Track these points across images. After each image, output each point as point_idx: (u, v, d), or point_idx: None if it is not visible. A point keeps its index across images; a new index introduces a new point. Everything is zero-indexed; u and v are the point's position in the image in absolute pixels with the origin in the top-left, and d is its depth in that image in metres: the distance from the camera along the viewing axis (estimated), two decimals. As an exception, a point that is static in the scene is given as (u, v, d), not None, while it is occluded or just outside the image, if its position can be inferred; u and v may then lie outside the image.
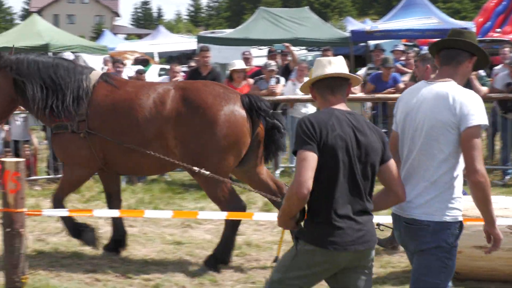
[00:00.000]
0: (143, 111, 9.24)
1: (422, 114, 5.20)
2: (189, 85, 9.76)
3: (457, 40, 5.27)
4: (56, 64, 9.63)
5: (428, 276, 5.18)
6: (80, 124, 9.27)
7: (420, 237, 5.14)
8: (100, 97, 9.43)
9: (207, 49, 16.20)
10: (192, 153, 9.14)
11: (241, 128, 9.16)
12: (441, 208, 5.10)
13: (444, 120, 5.06)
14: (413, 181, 5.27)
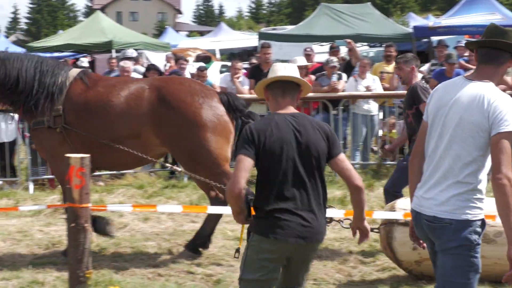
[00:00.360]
0: (116, 110, 9.39)
1: (454, 112, 5.13)
2: (164, 84, 9.77)
3: (505, 42, 5.14)
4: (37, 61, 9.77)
5: (454, 276, 5.14)
6: (56, 119, 9.41)
7: (442, 235, 5.11)
8: (75, 93, 9.55)
9: (268, 46, 16.16)
10: (185, 154, 9.35)
11: (223, 119, 9.35)
12: (463, 206, 5.05)
13: (475, 122, 4.99)
14: (436, 178, 5.22)
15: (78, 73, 9.75)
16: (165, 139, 9.31)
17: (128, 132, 9.32)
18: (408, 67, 9.68)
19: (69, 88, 9.52)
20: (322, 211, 5.68)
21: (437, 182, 5.20)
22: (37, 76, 9.53)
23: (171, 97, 9.31)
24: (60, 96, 9.45)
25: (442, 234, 5.08)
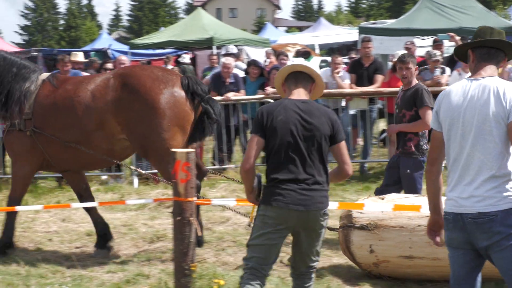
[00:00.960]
0: (82, 105, 9.40)
1: (472, 109, 5.16)
2: (127, 70, 9.93)
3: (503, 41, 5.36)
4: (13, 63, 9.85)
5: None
6: (27, 123, 9.50)
7: (491, 228, 5.05)
8: (43, 96, 9.64)
9: (369, 40, 15.99)
10: (140, 137, 9.30)
11: (182, 108, 9.31)
12: (504, 196, 5.05)
13: (496, 114, 5.05)
14: (469, 177, 5.21)
15: (48, 76, 9.88)
16: (123, 124, 9.31)
17: (94, 124, 9.37)
18: (413, 66, 9.65)
19: (38, 91, 9.66)
20: (323, 186, 6.22)
21: (471, 180, 5.20)
22: (9, 79, 9.68)
23: (132, 82, 9.37)
24: (29, 100, 9.60)
25: (491, 227, 5.04)
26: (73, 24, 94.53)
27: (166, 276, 8.03)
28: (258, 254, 6.20)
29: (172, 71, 10.18)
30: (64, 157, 9.72)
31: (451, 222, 5.31)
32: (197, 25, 28.75)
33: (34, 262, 9.31)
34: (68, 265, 9.22)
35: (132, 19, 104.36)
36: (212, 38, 26.78)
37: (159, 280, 7.89)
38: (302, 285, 6.39)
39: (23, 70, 9.82)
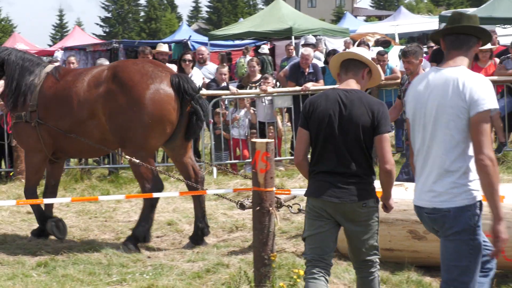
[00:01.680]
0: (78, 95, 9.53)
1: (433, 101, 5.22)
2: (120, 63, 10.15)
3: (471, 26, 5.34)
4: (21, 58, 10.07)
5: (457, 261, 5.19)
6: (32, 114, 9.70)
7: (444, 223, 5.17)
8: (46, 88, 9.80)
9: None
10: (119, 128, 9.35)
11: (165, 106, 9.28)
12: (459, 193, 5.09)
13: (454, 106, 5.06)
14: (428, 169, 5.29)
15: (51, 69, 10.00)
16: (107, 115, 9.39)
17: (87, 113, 9.52)
18: (417, 59, 9.69)
19: (42, 84, 9.83)
20: (362, 178, 6.06)
21: (429, 174, 5.29)
22: (16, 73, 9.89)
23: (122, 75, 9.45)
24: (33, 93, 9.79)
25: (444, 223, 5.17)
26: (153, 16, 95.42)
27: (245, 266, 8.02)
28: (313, 245, 6.19)
29: (164, 68, 10.15)
30: (68, 146, 9.99)
31: (417, 214, 5.55)
32: (276, 16, 28.81)
33: (115, 251, 9.42)
34: (149, 254, 9.36)
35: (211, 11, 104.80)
36: (291, 28, 26.79)
37: (238, 269, 7.86)
38: (360, 277, 6.36)
39: (27, 63, 10.07)
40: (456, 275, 5.23)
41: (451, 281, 5.28)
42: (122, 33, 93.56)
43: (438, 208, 5.14)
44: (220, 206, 11.90)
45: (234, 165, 15.24)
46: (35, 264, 8.92)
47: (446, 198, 5.11)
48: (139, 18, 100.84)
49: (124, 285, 7.83)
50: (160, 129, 9.39)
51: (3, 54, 10.02)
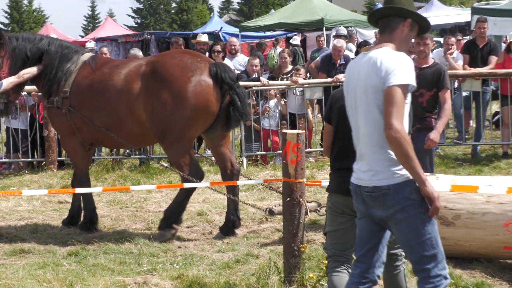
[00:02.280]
0: (115, 89, 9.55)
1: (359, 83, 5.32)
2: (158, 58, 9.97)
3: (386, 7, 5.42)
4: (60, 45, 10.15)
5: (417, 238, 5.24)
6: (64, 101, 9.72)
7: (385, 202, 5.19)
8: (81, 77, 9.84)
9: (484, 20, 15.55)
10: (160, 123, 9.39)
11: (207, 97, 9.29)
12: (397, 170, 5.15)
13: (375, 85, 5.15)
14: (363, 150, 5.38)
15: (88, 58, 10.02)
16: (148, 111, 9.42)
17: (127, 109, 9.55)
18: (432, 42, 9.54)
19: (78, 72, 9.85)
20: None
21: (365, 153, 5.36)
22: (56, 61, 9.94)
23: (161, 70, 9.46)
24: (68, 80, 9.81)
25: (385, 200, 5.17)
26: (185, 7, 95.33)
27: (275, 257, 8.03)
28: (335, 240, 6.23)
29: (202, 57, 10.18)
30: (97, 136, 10.02)
31: (354, 193, 5.52)
32: (307, 7, 28.73)
33: (146, 241, 9.46)
34: (179, 244, 9.38)
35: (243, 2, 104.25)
36: (323, 19, 26.72)
37: (268, 260, 7.83)
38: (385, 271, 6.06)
39: (66, 50, 10.12)
40: (420, 251, 5.27)
41: (419, 261, 5.30)
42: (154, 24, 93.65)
43: (379, 186, 5.19)
44: (250, 197, 11.90)
45: (264, 156, 15.23)
46: (66, 253, 9.00)
47: (385, 176, 5.17)
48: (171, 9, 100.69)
49: (155, 274, 7.85)
50: (202, 120, 9.46)
51: (42, 45, 10.05)
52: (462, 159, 14.21)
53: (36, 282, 7.44)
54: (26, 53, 9.96)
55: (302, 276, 7.08)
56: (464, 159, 14.11)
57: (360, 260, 5.57)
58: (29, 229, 10.47)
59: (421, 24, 5.54)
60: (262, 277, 7.38)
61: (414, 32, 5.55)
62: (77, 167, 10.42)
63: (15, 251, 9.17)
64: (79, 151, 10.26)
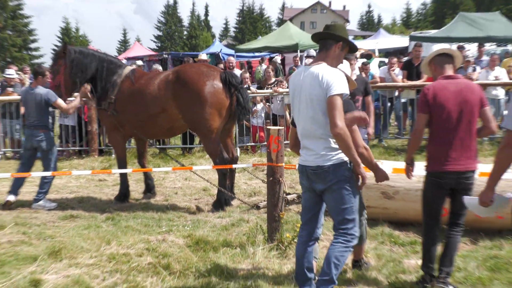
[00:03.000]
0: (151, 95, 9.51)
1: (304, 91, 5.35)
2: (181, 68, 9.87)
3: (324, 32, 5.51)
4: (108, 61, 10.08)
5: (342, 204, 5.34)
6: (110, 105, 9.76)
7: (326, 177, 5.30)
8: (124, 87, 9.79)
9: (420, 45, 15.52)
10: (190, 119, 9.45)
11: (219, 96, 9.31)
12: (334, 154, 5.30)
13: (318, 94, 5.22)
14: (309, 141, 5.43)
15: (128, 72, 9.97)
16: (181, 110, 9.42)
17: (160, 108, 9.52)
18: (355, 61, 9.32)
19: (121, 84, 9.83)
20: None
21: (311, 143, 5.42)
22: (104, 74, 9.93)
23: (184, 77, 9.41)
24: (114, 90, 9.82)
25: (326, 177, 5.30)
26: (194, 34, 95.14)
27: (261, 221, 8.03)
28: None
29: (214, 68, 10.03)
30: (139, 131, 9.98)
31: (300, 172, 5.60)
32: (286, 35, 28.65)
33: (164, 209, 9.54)
34: (189, 212, 9.42)
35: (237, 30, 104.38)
36: (297, 44, 26.60)
37: (256, 224, 7.89)
38: None
39: (112, 65, 10.05)
40: (344, 215, 5.35)
41: (342, 222, 5.38)
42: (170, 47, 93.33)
43: (321, 165, 5.28)
44: (242, 177, 11.92)
45: (253, 146, 15.20)
46: (105, 218, 9.06)
47: (326, 158, 5.27)
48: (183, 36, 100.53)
49: (171, 234, 7.85)
50: (218, 114, 9.40)
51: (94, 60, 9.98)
52: (401, 149, 14.17)
53: (82, 239, 7.45)
54: (81, 65, 9.87)
55: (281, 235, 7.14)
56: (402, 149, 14.07)
57: (306, 223, 5.64)
58: (77, 200, 10.51)
59: (350, 46, 5.57)
60: (251, 236, 7.46)
61: (344, 52, 5.56)
62: (118, 154, 10.36)
63: (66, 216, 9.23)
64: (121, 143, 10.28)
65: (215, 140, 9.44)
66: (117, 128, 10.02)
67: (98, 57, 10.02)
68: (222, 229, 8.18)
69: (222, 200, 9.56)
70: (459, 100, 5.79)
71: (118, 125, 9.96)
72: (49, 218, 9.20)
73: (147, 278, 6.30)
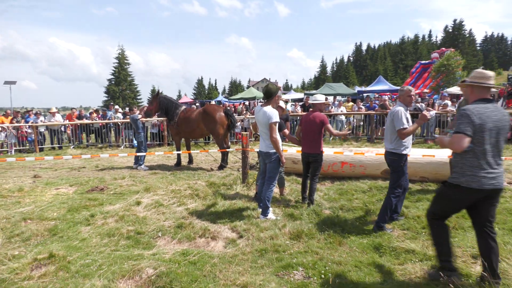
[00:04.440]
0: (192, 119, 9.04)
1: (259, 118, 5.04)
2: (206, 106, 9.25)
3: (267, 90, 5.10)
4: (175, 103, 9.46)
5: (273, 172, 5.10)
6: (175, 123, 9.20)
7: (269, 157, 5.05)
8: (180, 115, 9.24)
9: (307, 96, 15.35)
10: (211, 130, 8.90)
11: (223, 120, 8.84)
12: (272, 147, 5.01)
13: (266, 121, 4.95)
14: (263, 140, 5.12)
15: (183, 108, 9.48)
16: (206, 126, 8.98)
17: (196, 125, 9.08)
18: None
19: (180, 113, 9.30)
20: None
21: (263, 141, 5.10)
22: (173, 108, 9.35)
23: (207, 110, 8.99)
24: (176, 116, 9.27)
25: (269, 157, 5.06)
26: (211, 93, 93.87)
27: (239, 175, 7.79)
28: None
29: (221, 107, 9.25)
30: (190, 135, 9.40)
31: (259, 154, 5.28)
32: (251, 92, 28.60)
33: (196, 169, 9.16)
34: (207, 171, 9.02)
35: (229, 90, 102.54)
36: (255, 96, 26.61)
37: (236, 176, 7.73)
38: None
39: (174, 105, 9.50)
40: (272, 175, 5.11)
41: (269, 177, 5.15)
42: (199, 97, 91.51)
43: (268, 152, 5.06)
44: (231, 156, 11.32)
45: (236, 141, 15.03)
46: (169, 173, 8.69)
47: (270, 148, 5.04)
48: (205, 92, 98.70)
49: (199, 180, 7.61)
50: (222, 127, 9.03)
51: (169, 102, 9.49)
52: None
53: (159, 183, 7.31)
54: (163, 104, 9.45)
55: (248, 181, 7.01)
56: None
57: (261, 176, 5.47)
58: (157, 165, 10.05)
59: (278, 94, 5.50)
60: (233, 183, 7.24)
61: (279, 99, 5.38)
62: (177, 146, 9.78)
63: (152, 173, 8.85)
64: (179, 140, 9.74)
65: (221, 139, 9.15)
66: (177, 133, 9.61)
67: (171, 101, 9.62)
68: (222, 178, 7.98)
69: (222, 166, 9.30)
70: (307, 120, 5.64)
71: (178, 132, 9.55)
72: (144, 174, 8.91)
73: (188, 200, 6.19)
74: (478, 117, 3.03)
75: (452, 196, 3.18)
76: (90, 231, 4.78)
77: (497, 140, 3.06)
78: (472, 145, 3.02)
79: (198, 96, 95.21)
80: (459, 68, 26.12)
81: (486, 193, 3.03)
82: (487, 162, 3.04)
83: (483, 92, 3.18)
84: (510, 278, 3.17)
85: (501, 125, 3.05)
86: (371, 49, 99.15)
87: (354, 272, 3.57)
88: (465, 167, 3.09)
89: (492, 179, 3.04)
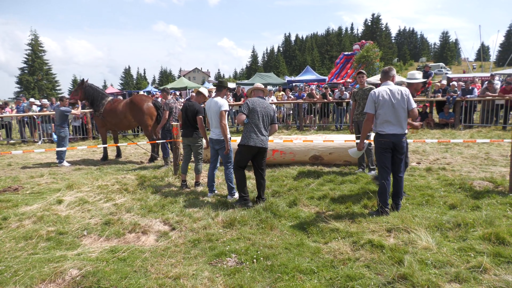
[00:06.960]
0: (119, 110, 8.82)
1: (211, 107, 5.28)
2: (132, 97, 9.07)
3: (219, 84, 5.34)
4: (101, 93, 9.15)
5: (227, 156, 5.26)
6: (100, 114, 8.95)
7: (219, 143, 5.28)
8: (107, 106, 8.97)
9: (239, 86, 14.83)
10: (139, 121, 8.73)
11: (151, 110, 8.72)
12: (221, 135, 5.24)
13: (217, 109, 5.21)
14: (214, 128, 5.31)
15: (110, 99, 9.17)
16: (133, 116, 8.77)
17: (123, 116, 8.82)
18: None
19: (106, 104, 8.98)
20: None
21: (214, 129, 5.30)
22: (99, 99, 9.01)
23: (134, 101, 8.78)
24: (102, 107, 8.94)
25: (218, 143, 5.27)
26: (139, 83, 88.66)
27: (170, 168, 7.60)
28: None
29: (148, 97, 8.95)
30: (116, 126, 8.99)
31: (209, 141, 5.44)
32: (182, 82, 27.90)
33: (125, 163, 8.60)
34: (137, 164, 8.58)
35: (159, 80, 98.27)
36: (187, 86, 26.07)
37: (168, 168, 7.49)
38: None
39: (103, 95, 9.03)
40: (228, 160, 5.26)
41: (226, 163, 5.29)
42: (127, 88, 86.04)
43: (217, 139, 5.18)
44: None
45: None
46: (95, 168, 8.13)
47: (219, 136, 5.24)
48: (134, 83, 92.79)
49: (128, 174, 7.17)
50: (151, 118, 8.69)
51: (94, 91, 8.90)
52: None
53: (83, 179, 6.74)
54: (89, 94, 8.93)
55: (178, 172, 6.91)
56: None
57: (212, 162, 5.58)
58: (81, 160, 9.28)
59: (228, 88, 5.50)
60: (165, 175, 7.07)
61: (225, 91, 5.44)
62: (103, 139, 9.23)
63: (75, 169, 8.14)
64: (105, 133, 9.19)
65: (150, 130, 8.81)
66: (104, 125, 9.06)
67: (97, 90, 9.04)
68: (153, 170, 7.67)
69: (152, 158, 8.99)
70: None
71: (104, 124, 9.01)
72: (66, 170, 8.20)
73: (116, 195, 5.86)
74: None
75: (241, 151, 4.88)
76: (2, 235, 4.29)
77: None
78: None
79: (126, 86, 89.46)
80: (377, 59, 28.56)
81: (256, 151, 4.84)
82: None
83: None
84: (418, 247, 3.45)
85: None
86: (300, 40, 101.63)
87: (284, 254, 3.59)
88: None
89: None
